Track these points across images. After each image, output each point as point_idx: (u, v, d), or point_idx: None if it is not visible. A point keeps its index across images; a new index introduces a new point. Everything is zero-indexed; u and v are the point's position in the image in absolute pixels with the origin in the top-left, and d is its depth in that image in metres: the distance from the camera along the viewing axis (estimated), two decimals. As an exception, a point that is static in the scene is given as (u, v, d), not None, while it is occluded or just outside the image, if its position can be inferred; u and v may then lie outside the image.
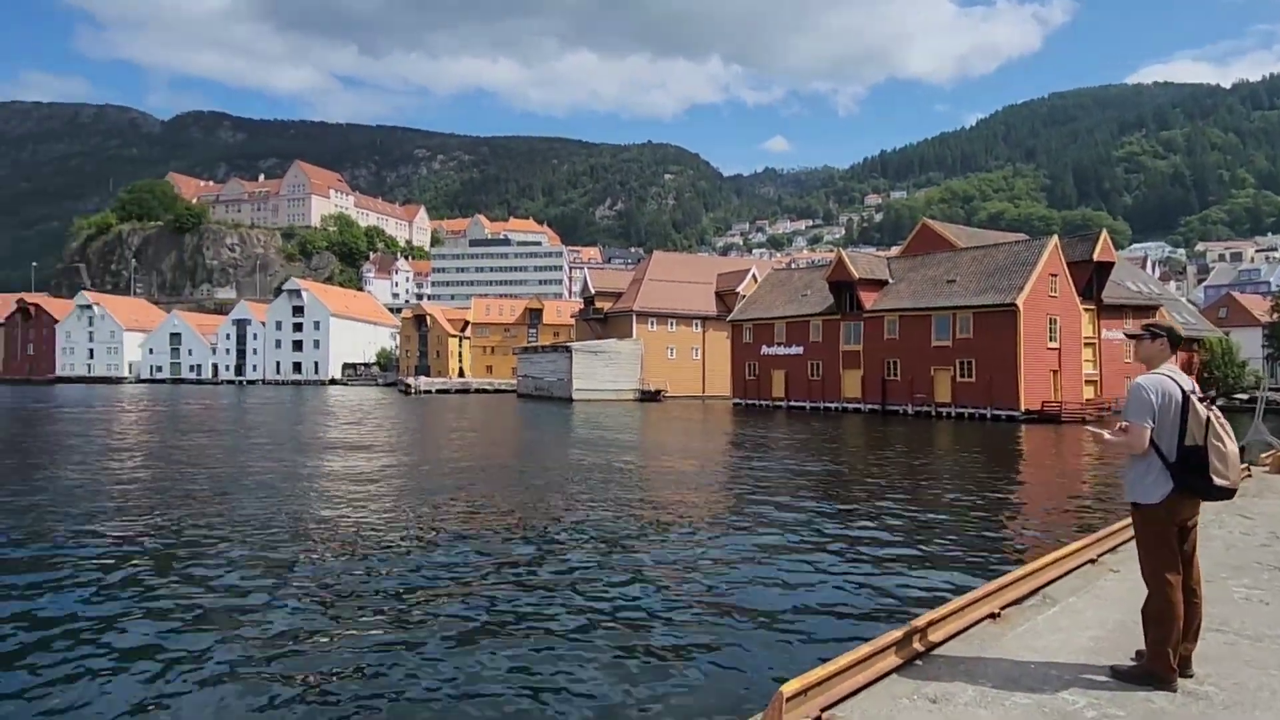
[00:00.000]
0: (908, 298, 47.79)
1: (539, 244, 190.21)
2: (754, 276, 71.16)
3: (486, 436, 33.04)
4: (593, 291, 77.88)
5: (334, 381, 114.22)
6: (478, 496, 16.08)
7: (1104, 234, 49.13)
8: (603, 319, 75.60)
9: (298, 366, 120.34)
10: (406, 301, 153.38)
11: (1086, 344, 47.64)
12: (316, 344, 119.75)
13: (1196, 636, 4.15)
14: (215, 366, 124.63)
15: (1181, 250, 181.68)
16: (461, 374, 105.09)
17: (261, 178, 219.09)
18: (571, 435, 33.22)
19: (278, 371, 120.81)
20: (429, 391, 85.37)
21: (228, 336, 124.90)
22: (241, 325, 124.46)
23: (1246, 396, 48.23)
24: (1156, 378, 4.11)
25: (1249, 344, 64.03)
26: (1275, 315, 67.02)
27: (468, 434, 33.92)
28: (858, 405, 49.18)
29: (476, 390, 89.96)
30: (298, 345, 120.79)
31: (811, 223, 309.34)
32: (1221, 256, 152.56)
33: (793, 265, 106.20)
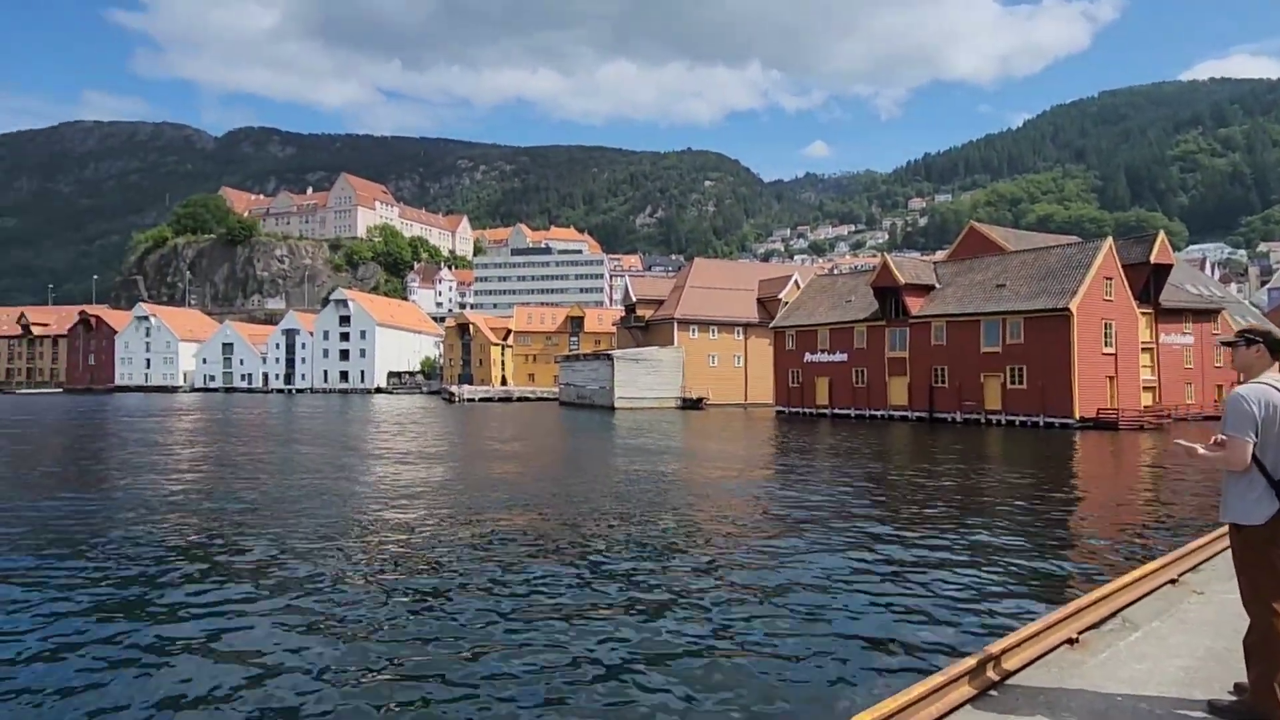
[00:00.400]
0: (955, 303, 46.78)
1: (580, 252, 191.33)
2: (796, 282, 70.44)
3: (531, 446, 33.10)
4: (634, 299, 77.88)
5: (380, 390, 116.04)
6: (523, 509, 16.00)
7: (1161, 235, 47.55)
8: (644, 327, 75.54)
9: (344, 375, 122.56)
10: (450, 310, 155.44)
11: (1144, 349, 46.08)
12: (363, 353, 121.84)
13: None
14: (265, 375, 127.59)
15: (1242, 251, 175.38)
16: (504, 382, 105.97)
17: (310, 191, 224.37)
18: (614, 446, 33.11)
19: (325, 380, 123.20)
20: (472, 400, 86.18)
21: (277, 346, 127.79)
22: (290, 335, 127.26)
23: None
24: (1259, 388, 3.79)
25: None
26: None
27: (511, 442, 34.03)
28: (904, 413, 48.23)
29: (519, 399, 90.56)
30: (344, 354, 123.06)
31: (854, 228, 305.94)
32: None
33: (835, 271, 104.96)
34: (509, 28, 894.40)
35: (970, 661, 4.16)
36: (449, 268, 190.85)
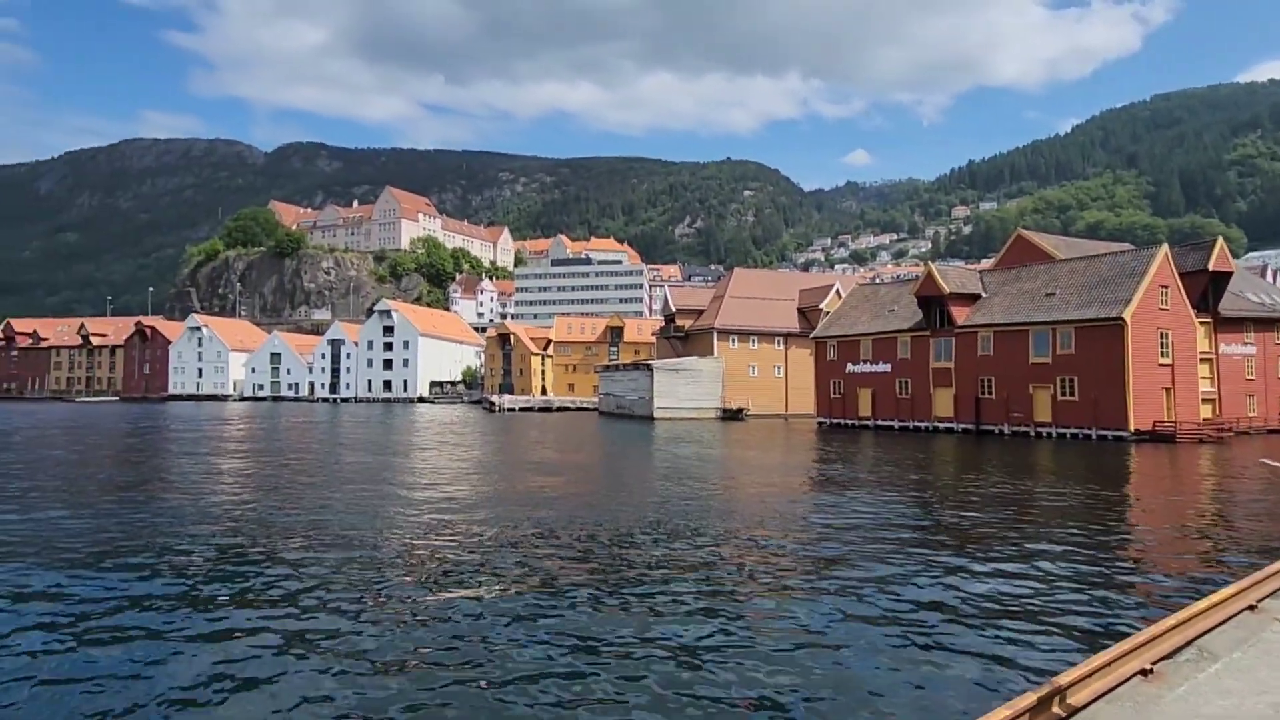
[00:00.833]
0: (1002, 312, 45.67)
1: (619, 263, 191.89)
2: (838, 292, 69.57)
3: (569, 459, 33.05)
4: (673, 309, 77.68)
5: (422, 399, 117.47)
6: (559, 527, 15.88)
7: (1219, 241, 45.85)
8: (683, 337, 75.26)
9: (388, 385, 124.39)
10: (491, 321, 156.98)
11: (1203, 360, 44.39)
12: (405, 363, 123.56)
13: None
14: (311, 385, 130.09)
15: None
16: (544, 392, 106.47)
17: (355, 204, 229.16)
18: (652, 460, 32.89)
19: (369, 389, 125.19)
20: (512, 409, 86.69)
21: (323, 356, 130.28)
22: (336, 345, 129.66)
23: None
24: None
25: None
26: None
27: (549, 453, 34.04)
28: (950, 425, 47.16)
29: (559, 408, 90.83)
30: (388, 364, 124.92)
31: (896, 236, 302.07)
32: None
33: (877, 280, 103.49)
34: (550, 41, 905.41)
35: (1033, 697, 3.88)
36: (490, 278, 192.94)
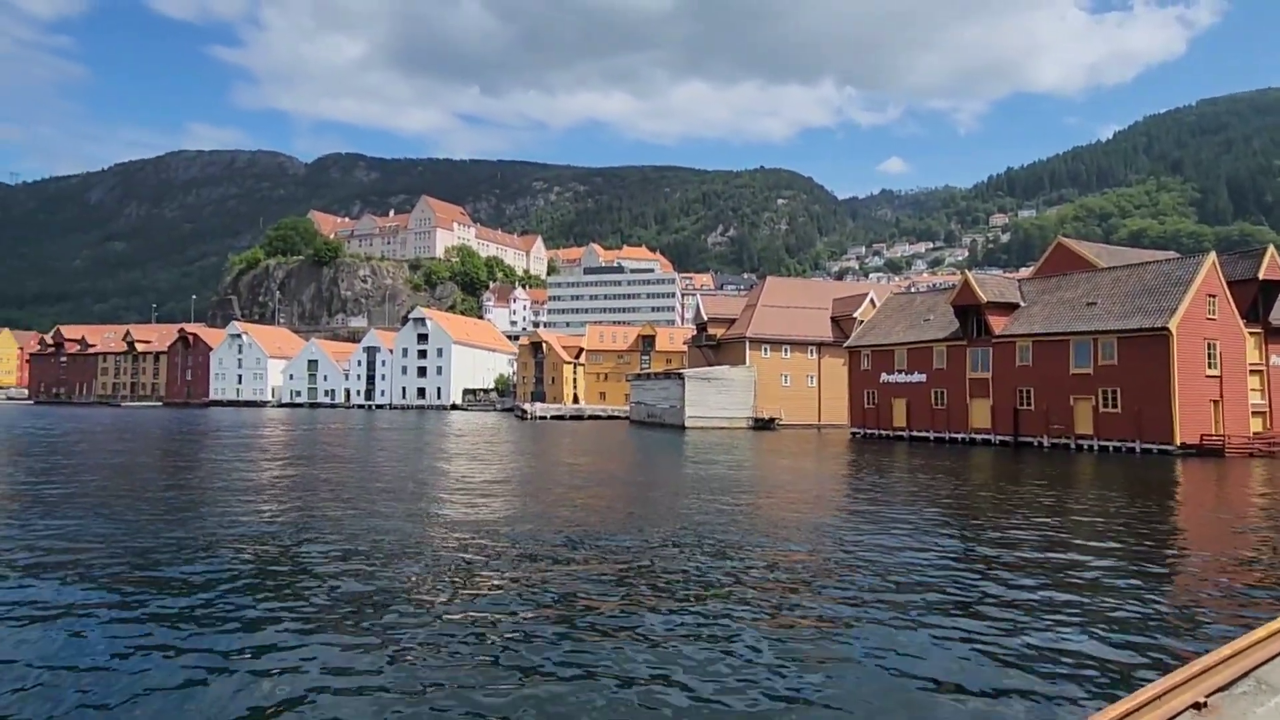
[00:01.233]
0: (1042, 322, 44.72)
1: (652, 271, 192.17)
2: (872, 301, 68.78)
3: (599, 469, 32.96)
4: (705, 318, 77.42)
5: (455, 406, 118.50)
6: (588, 541, 15.78)
7: (1270, 249, 44.40)
8: (715, 345, 74.95)
9: (422, 392, 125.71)
10: (524, 329, 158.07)
11: (1253, 371, 42.97)
12: (439, 370, 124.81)
13: None
14: (347, 392, 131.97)
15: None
16: (575, 400, 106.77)
17: (392, 213, 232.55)
18: (683, 472, 32.66)
19: (403, 396, 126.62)
20: (544, 417, 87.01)
21: (359, 363, 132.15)
22: (371, 352, 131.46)
23: None
24: None
25: None
26: None
27: (580, 459, 34.01)
28: (987, 436, 46.24)
29: (590, 416, 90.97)
30: (422, 371, 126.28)
31: (932, 245, 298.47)
32: None
33: (912, 289, 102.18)
34: (584, 52, 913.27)
35: (1081, 728, 3.65)
36: (523, 287, 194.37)
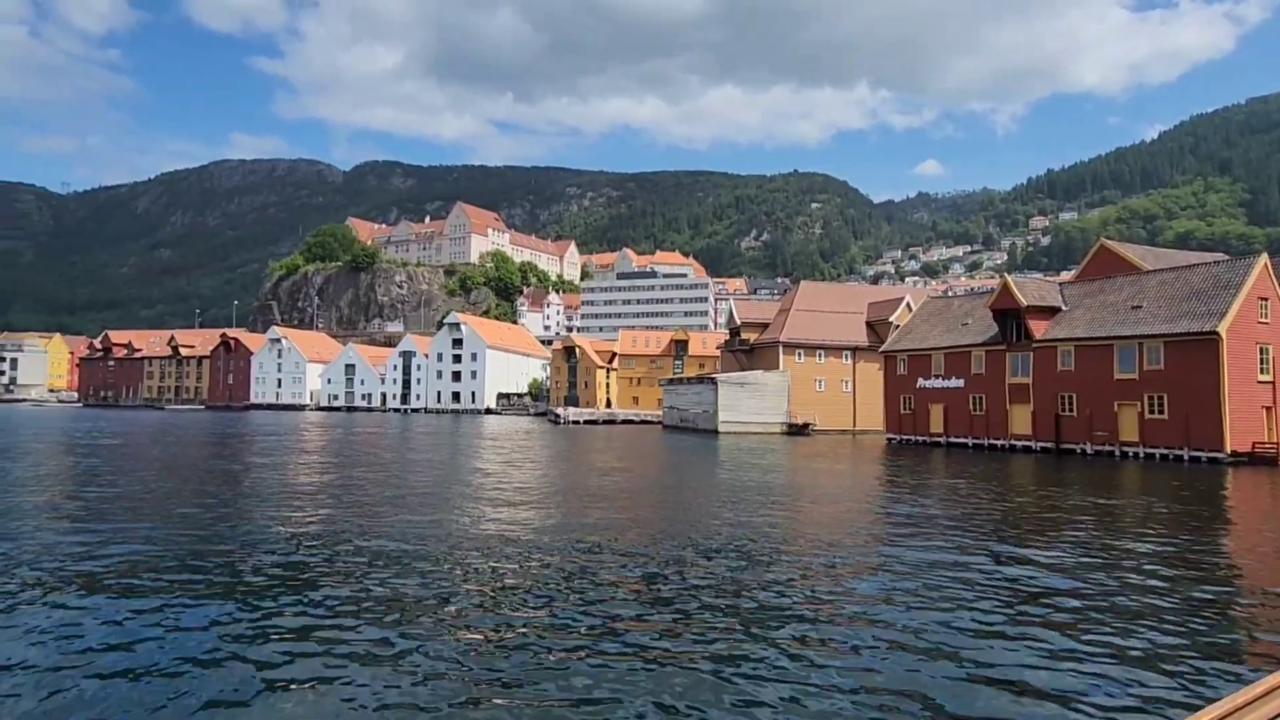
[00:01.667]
0: (1084, 326, 43.70)
1: (685, 276, 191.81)
2: (908, 305, 67.82)
3: (632, 475, 32.89)
4: (738, 322, 77.01)
5: (489, 411, 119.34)
6: (623, 548, 15.70)
7: (1326, 251, 42.97)
8: (749, 350, 74.49)
9: (456, 396, 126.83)
10: (557, 334, 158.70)
11: (1307, 377, 41.50)
12: (473, 374, 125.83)
13: None
14: (384, 395, 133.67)
15: None
16: (608, 404, 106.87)
17: (428, 219, 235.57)
18: (716, 479, 32.46)
19: (438, 400, 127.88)
20: (577, 422, 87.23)
21: (395, 367, 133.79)
22: (407, 357, 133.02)
23: None
24: None
25: None
26: None
27: (615, 463, 33.97)
28: (1027, 443, 45.28)
29: (623, 421, 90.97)
30: (456, 376, 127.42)
31: (969, 248, 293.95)
32: None
33: (949, 293, 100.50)
34: (616, 57, 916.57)
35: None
36: (557, 292, 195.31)
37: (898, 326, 61.77)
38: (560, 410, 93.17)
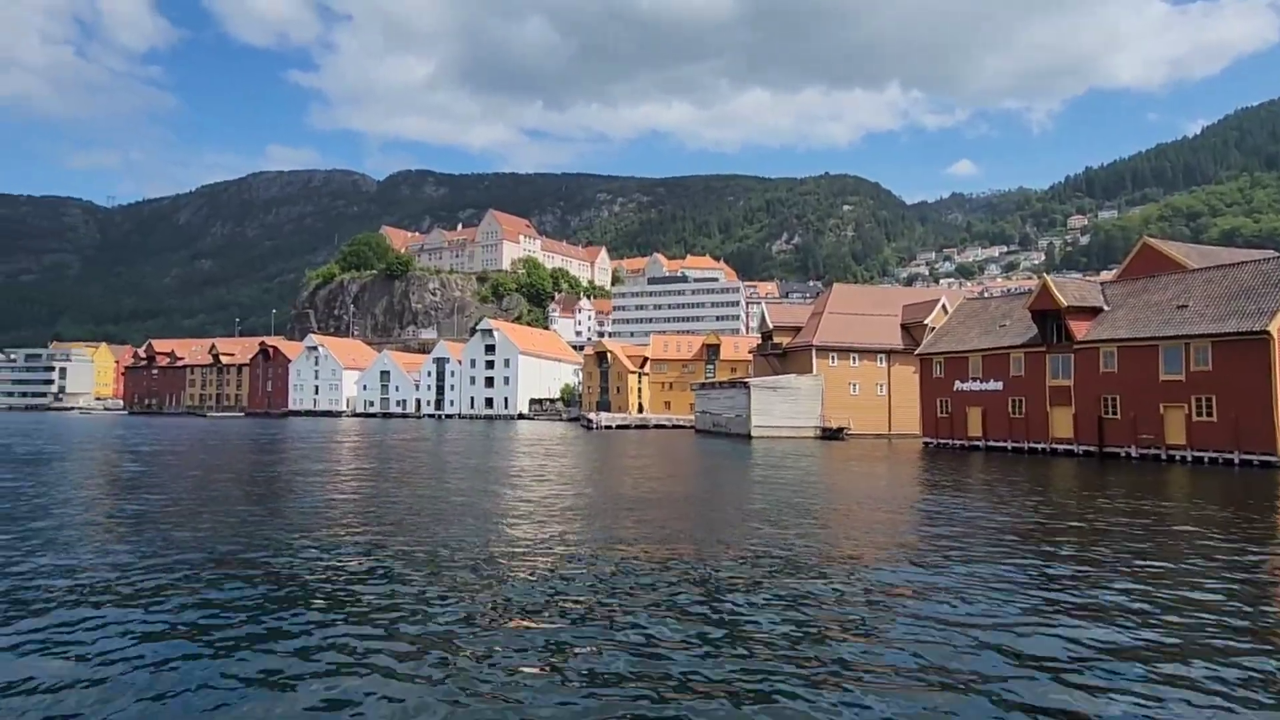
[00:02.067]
0: (1127, 326, 42.70)
1: (716, 280, 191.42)
2: (944, 307, 66.87)
3: (666, 483, 32.84)
4: (770, 326, 76.55)
5: (522, 416, 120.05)
6: (659, 560, 15.64)
7: (1383, 247, 41.52)
8: (781, 354, 74.00)
9: (489, 402, 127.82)
10: (589, 339, 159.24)
11: (1364, 377, 40.09)
12: (506, 380, 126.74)
13: None
14: (418, 402, 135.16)
15: None
16: (640, 409, 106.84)
17: (460, 227, 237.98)
18: (750, 480, 32.28)
19: (471, 406, 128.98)
20: (609, 427, 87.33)
21: (429, 374, 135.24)
22: (441, 363, 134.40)
23: None
24: None
25: None
26: None
27: (649, 469, 33.94)
28: (1069, 447, 44.33)
29: (655, 426, 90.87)
30: (489, 381, 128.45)
31: (1005, 249, 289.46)
32: None
33: (986, 294, 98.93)
34: (644, 63, 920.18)
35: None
36: (588, 297, 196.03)
37: (933, 329, 60.90)
38: (593, 415, 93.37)
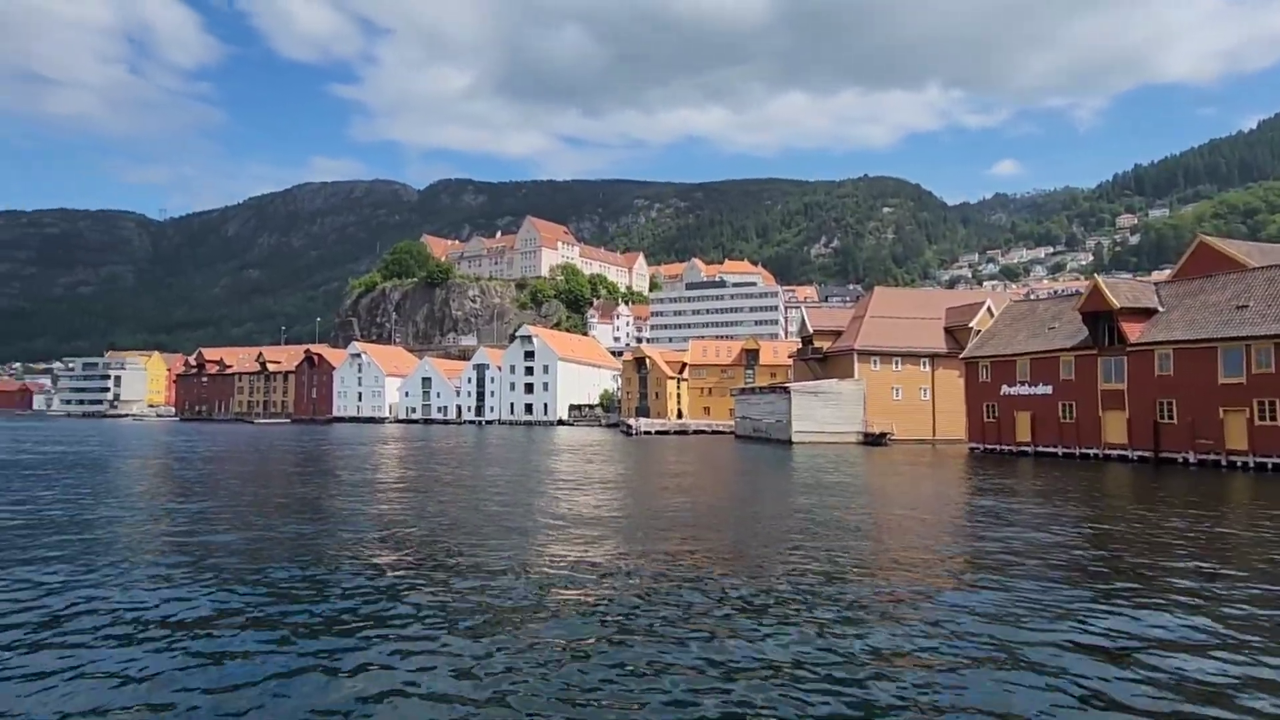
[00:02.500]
0: (1184, 328, 41.36)
1: (754, 285, 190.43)
2: (989, 309, 65.51)
3: (706, 493, 32.64)
4: (810, 330, 75.76)
5: (561, 422, 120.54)
6: (701, 574, 15.50)
7: None
8: (822, 359, 73.18)
9: (529, 408, 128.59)
10: (627, 345, 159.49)
11: None
12: (545, 386, 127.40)
13: None
14: (459, 408, 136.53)
15: None
16: (680, 415, 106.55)
17: (499, 234, 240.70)
18: (795, 496, 31.93)
19: (511, 412, 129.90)
20: (649, 433, 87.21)
21: (469, 380, 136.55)
22: (481, 370, 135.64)
23: None
24: None
25: None
26: None
27: (690, 475, 33.77)
28: (1122, 452, 43.03)
29: (694, 431, 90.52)
30: (529, 388, 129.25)
31: (1051, 249, 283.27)
32: None
33: (1032, 296, 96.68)
34: (680, 69, 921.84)
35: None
36: (626, 303, 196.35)
37: (978, 332, 59.71)
38: (632, 421, 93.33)
